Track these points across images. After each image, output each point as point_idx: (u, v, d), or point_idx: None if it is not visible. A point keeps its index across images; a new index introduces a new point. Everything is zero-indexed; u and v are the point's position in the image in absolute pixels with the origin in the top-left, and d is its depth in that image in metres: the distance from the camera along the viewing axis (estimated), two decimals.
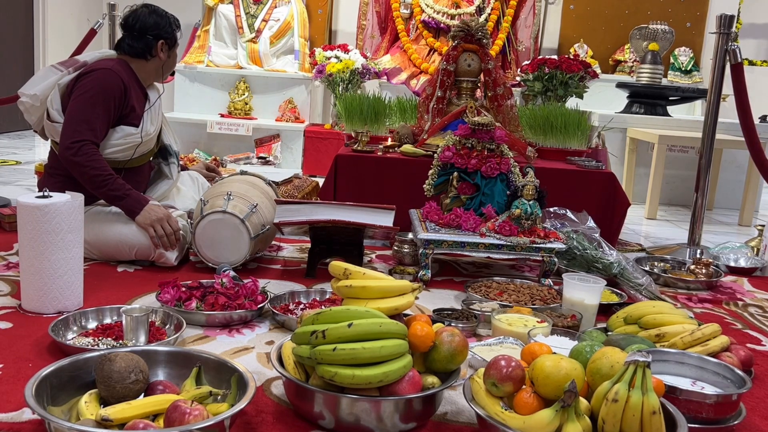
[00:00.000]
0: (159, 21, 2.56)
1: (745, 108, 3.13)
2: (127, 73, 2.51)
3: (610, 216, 3.02)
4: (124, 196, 2.38)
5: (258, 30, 5.68)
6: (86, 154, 2.33)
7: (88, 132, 2.34)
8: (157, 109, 2.64)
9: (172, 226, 2.40)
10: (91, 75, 2.43)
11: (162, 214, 2.40)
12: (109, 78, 2.42)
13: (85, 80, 2.42)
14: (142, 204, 2.40)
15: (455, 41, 3.06)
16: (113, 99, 2.41)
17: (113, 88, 2.41)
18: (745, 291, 2.72)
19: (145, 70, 2.58)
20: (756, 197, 4.56)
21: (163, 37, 2.55)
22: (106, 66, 2.45)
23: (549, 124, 3.33)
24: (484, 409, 1.31)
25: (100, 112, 2.37)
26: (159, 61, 2.58)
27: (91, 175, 2.33)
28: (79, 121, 2.35)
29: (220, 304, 1.96)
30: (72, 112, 2.38)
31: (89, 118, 2.36)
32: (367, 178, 3.05)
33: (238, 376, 1.41)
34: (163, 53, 2.58)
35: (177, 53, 2.69)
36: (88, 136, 2.34)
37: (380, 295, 1.55)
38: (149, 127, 2.55)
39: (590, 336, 1.80)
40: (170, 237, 2.40)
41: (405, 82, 5.43)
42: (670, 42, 5.20)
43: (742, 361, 1.72)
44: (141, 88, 2.59)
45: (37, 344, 1.73)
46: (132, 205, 2.39)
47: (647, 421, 1.20)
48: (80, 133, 2.33)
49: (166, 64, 2.62)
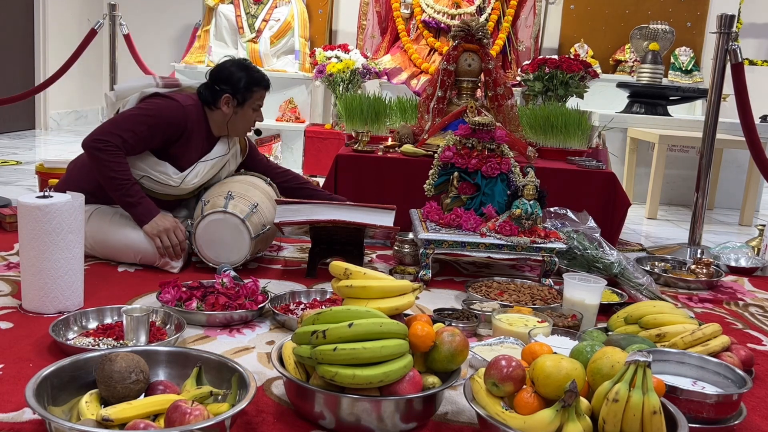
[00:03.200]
0: (232, 75, 2.50)
1: (746, 108, 3.13)
2: (198, 116, 2.47)
3: (610, 216, 3.02)
4: (137, 204, 2.36)
5: (258, 30, 5.68)
6: (112, 153, 2.30)
7: (118, 139, 2.31)
8: (216, 166, 2.57)
9: (179, 237, 2.39)
10: (162, 98, 2.43)
11: (170, 225, 2.38)
12: (173, 110, 2.40)
13: (154, 100, 2.42)
14: (152, 214, 2.38)
15: (456, 41, 3.06)
16: (164, 129, 2.38)
17: (171, 120, 2.39)
18: (746, 291, 2.72)
19: (212, 119, 2.53)
20: (756, 197, 4.56)
21: (230, 92, 2.49)
22: (182, 100, 2.44)
23: (549, 124, 3.33)
24: (484, 409, 1.31)
25: (142, 130, 2.35)
26: (223, 115, 2.52)
27: (110, 175, 2.31)
28: (117, 126, 2.34)
29: (220, 304, 1.96)
30: (119, 117, 2.38)
31: (127, 130, 2.33)
32: (367, 178, 3.05)
33: (239, 376, 1.41)
34: (227, 108, 2.50)
35: (257, 115, 2.59)
36: (117, 141, 2.31)
37: (381, 295, 1.55)
38: (191, 179, 2.49)
39: (591, 336, 1.80)
40: (176, 248, 2.39)
41: (405, 82, 5.43)
42: (671, 42, 5.20)
43: (743, 361, 1.72)
44: (209, 137, 2.54)
45: (38, 344, 1.73)
46: (142, 214, 2.37)
47: (648, 420, 1.20)
48: (111, 135, 2.31)
49: (231, 121, 2.54)
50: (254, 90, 2.52)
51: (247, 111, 2.55)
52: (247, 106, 2.54)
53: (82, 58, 4.32)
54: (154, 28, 6.74)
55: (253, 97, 2.53)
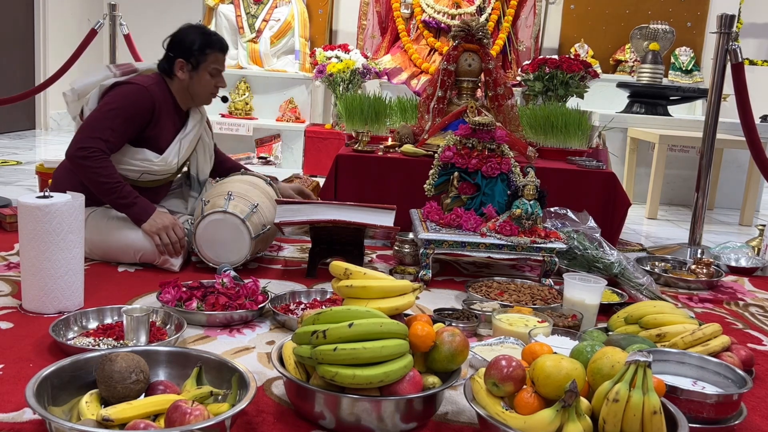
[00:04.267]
0: (184, 39, 2.44)
1: (746, 108, 3.12)
2: (162, 93, 2.43)
3: (610, 216, 3.02)
4: (132, 204, 2.36)
5: (258, 30, 5.68)
6: (96, 158, 2.29)
7: (101, 142, 2.30)
8: (192, 138, 2.54)
9: (178, 234, 2.39)
10: (123, 87, 2.38)
11: (168, 222, 2.38)
12: (138, 94, 2.36)
13: (116, 91, 2.38)
14: (149, 212, 2.38)
15: (456, 41, 3.06)
16: (136, 116, 2.36)
17: (140, 105, 2.36)
18: (746, 291, 2.72)
19: (175, 90, 2.49)
20: (757, 197, 4.56)
21: (183, 57, 2.44)
22: (142, 82, 2.40)
23: (549, 124, 3.33)
24: (484, 409, 1.31)
25: (117, 125, 2.33)
26: (180, 82, 2.47)
27: (99, 181, 2.31)
28: (94, 128, 2.32)
29: (220, 304, 1.96)
30: (90, 119, 2.35)
31: (105, 129, 2.31)
32: (367, 178, 3.05)
33: (239, 376, 1.41)
34: (183, 73, 2.45)
35: (219, 80, 2.50)
36: (100, 145, 2.30)
37: (381, 295, 1.55)
38: (172, 159, 2.48)
39: (591, 336, 1.80)
40: (175, 245, 2.39)
41: (405, 82, 5.43)
42: (671, 42, 5.20)
43: (743, 361, 1.72)
44: (178, 112, 2.51)
45: (38, 344, 1.73)
46: (139, 213, 2.37)
47: (648, 420, 1.20)
48: (93, 140, 2.30)
49: (189, 88, 2.49)
50: (207, 52, 2.44)
51: (203, 75, 2.47)
52: (203, 70, 2.46)
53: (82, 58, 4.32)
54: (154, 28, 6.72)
55: (208, 60, 2.46)
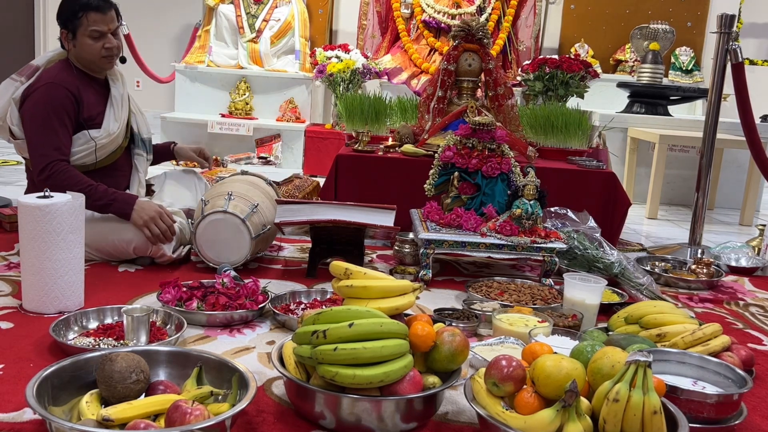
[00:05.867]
0: (60, 11, 2.39)
1: (746, 107, 3.13)
2: (71, 76, 2.39)
3: (610, 216, 3.02)
4: (111, 202, 2.35)
5: (259, 30, 5.68)
6: (59, 172, 2.29)
7: (54, 152, 2.31)
8: (121, 101, 2.50)
9: (166, 222, 2.38)
10: (35, 93, 2.34)
11: (154, 212, 2.37)
12: (53, 93, 2.33)
13: (31, 100, 2.34)
14: (131, 204, 2.36)
15: (456, 41, 3.06)
16: (65, 112, 2.34)
17: (61, 101, 2.33)
18: (746, 291, 2.72)
19: (77, 62, 2.43)
20: (757, 197, 4.55)
21: (64, 27, 2.40)
22: (47, 79, 2.36)
23: (550, 124, 3.33)
24: (485, 409, 1.31)
25: (56, 127, 2.32)
26: (73, 53, 2.42)
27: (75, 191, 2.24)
28: (40, 144, 2.32)
29: (221, 304, 1.96)
30: (30, 138, 2.34)
31: (49, 139, 2.31)
32: (367, 178, 3.05)
33: (239, 376, 1.41)
34: (68, 44, 2.40)
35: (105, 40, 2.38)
36: (55, 155, 2.30)
37: (381, 295, 1.55)
38: (112, 126, 2.46)
39: (591, 336, 1.81)
40: (166, 233, 2.38)
41: (406, 81, 5.43)
42: (671, 41, 5.20)
43: (743, 361, 1.72)
44: (96, 82, 2.47)
45: (38, 344, 1.73)
46: (122, 208, 2.36)
47: (648, 420, 1.20)
48: (46, 156, 2.31)
49: (79, 56, 2.41)
50: (80, 16, 2.36)
51: (84, 40, 2.38)
52: (81, 35, 2.38)
53: None
54: (154, 28, 6.74)
55: (82, 23, 2.37)
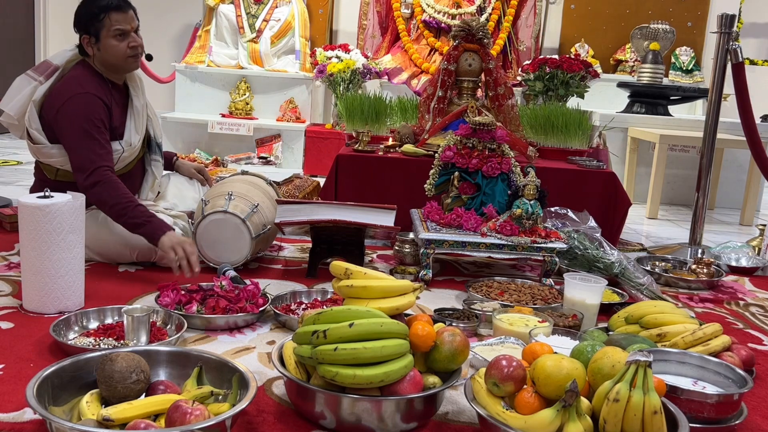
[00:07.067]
0: (79, 16, 2.35)
1: (747, 107, 3.12)
2: (97, 85, 2.36)
3: (611, 216, 3.02)
4: (145, 224, 2.25)
5: (259, 30, 5.68)
6: (107, 182, 2.25)
7: (99, 158, 2.27)
8: (141, 112, 2.49)
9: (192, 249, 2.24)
10: (71, 104, 2.30)
11: (185, 240, 2.26)
12: (90, 104, 2.30)
13: (67, 111, 2.30)
14: (164, 230, 2.24)
15: (456, 41, 3.06)
16: (102, 124, 2.32)
17: (98, 113, 2.31)
18: (747, 290, 2.72)
19: (99, 69, 2.40)
20: (757, 197, 4.55)
21: (84, 32, 2.35)
22: (81, 89, 2.32)
23: (550, 124, 3.33)
24: (485, 408, 1.31)
25: (96, 136, 2.29)
26: (96, 59, 2.38)
27: (110, 204, 2.25)
28: (85, 149, 2.28)
29: (221, 307, 1.95)
30: (72, 145, 2.30)
31: (93, 146, 2.28)
32: (368, 178, 3.05)
33: (240, 376, 1.41)
34: (91, 48, 2.35)
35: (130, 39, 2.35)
36: (101, 162, 2.27)
37: (381, 295, 1.55)
38: (133, 137, 2.44)
39: (591, 336, 1.81)
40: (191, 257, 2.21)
41: (406, 81, 5.43)
42: (671, 41, 5.20)
43: (744, 361, 1.72)
44: (117, 93, 2.44)
45: (39, 344, 1.73)
46: (153, 231, 2.24)
47: (648, 420, 1.20)
48: (93, 161, 2.26)
49: (103, 60, 2.37)
50: (101, 18, 2.32)
51: (108, 42, 2.34)
52: (105, 37, 2.33)
53: None
54: (154, 28, 6.72)
55: (104, 25, 2.32)
